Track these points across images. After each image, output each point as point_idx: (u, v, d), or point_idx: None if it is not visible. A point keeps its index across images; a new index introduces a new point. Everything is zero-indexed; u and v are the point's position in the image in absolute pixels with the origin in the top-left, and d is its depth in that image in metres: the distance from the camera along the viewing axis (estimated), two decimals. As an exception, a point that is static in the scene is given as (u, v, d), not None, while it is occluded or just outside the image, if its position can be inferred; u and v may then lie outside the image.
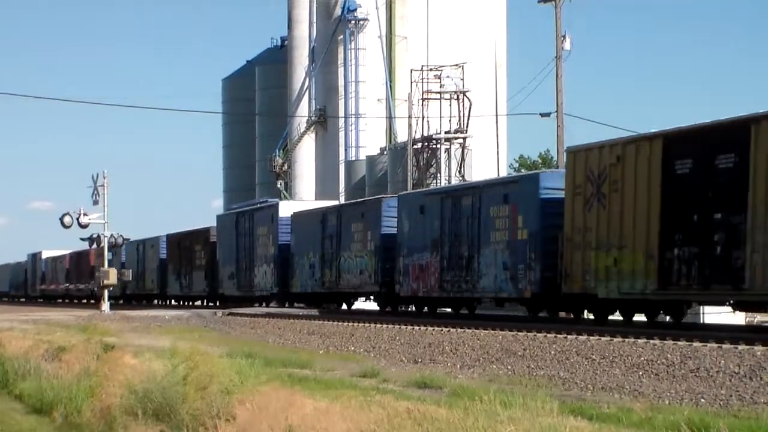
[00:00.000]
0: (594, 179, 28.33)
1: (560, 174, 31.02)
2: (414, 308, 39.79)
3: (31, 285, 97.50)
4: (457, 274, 34.70)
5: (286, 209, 48.46)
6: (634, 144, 27.65)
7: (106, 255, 58.87)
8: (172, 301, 65.30)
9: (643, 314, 28.73)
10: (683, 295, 26.47)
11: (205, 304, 59.50)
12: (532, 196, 31.49)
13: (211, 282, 56.63)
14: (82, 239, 60.46)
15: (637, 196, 26.86)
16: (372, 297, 42.05)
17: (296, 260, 46.42)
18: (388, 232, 39.52)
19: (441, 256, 35.48)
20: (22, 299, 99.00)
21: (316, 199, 72.57)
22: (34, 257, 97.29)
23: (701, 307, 29.65)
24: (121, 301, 71.35)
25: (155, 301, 68.04)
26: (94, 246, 60.57)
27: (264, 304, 50.03)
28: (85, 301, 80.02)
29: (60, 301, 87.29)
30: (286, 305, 47.91)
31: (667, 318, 29.22)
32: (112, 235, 57.55)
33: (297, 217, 47.23)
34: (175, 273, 62.71)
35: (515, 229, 31.94)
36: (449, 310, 37.35)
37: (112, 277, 56.54)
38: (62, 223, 56.61)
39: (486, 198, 33.67)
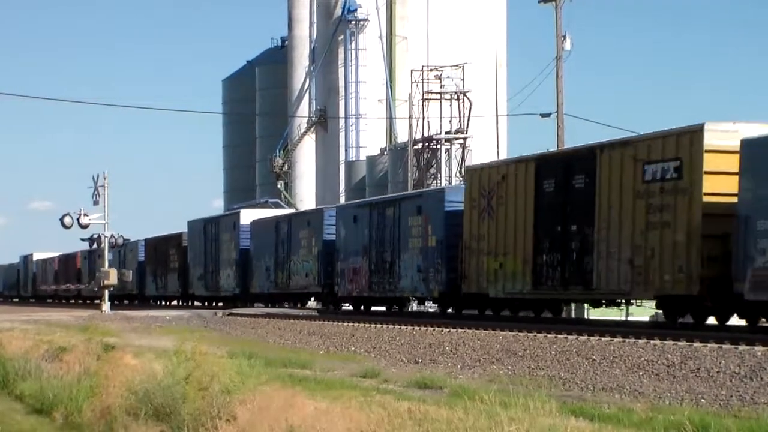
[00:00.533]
0: (485, 194, 32.92)
1: (461, 189, 35.27)
2: (351, 307, 43.52)
3: (23, 285, 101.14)
4: (383, 276, 39.37)
5: (246, 217, 52.97)
6: (514, 165, 32.41)
7: (107, 255, 58.86)
8: (150, 300, 68.15)
9: (528, 311, 33.82)
10: (550, 295, 31.04)
11: (179, 303, 63.35)
12: (438, 208, 36.22)
13: (183, 283, 60.59)
14: (83, 239, 60.49)
15: (516, 210, 31.62)
16: (315, 297, 47.27)
17: (255, 263, 50.99)
18: (328, 239, 44.08)
19: (370, 261, 39.94)
20: (15, 299, 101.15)
21: (316, 200, 72.76)
22: (26, 259, 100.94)
23: None
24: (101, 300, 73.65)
25: (135, 301, 70.52)
26: (95, 246, 60.56)
27: (232, 303, 53.69)
28: (72, 300, 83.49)
29: (50, 301, 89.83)
30: (248, 304, 51.62)
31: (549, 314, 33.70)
32: (112, 236, 57.53)
33: (255, 224, 51.65)
34: (152, 275, 66.79)
35: (426, 237, 36.60)
36: (383, 308, 41.51)
37: (113, 277, 56.55)
38: (62, 224, 56.59)
39: (404, 209, 38.39)
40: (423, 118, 62.54)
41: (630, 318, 31.86)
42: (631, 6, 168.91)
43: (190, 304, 61.17)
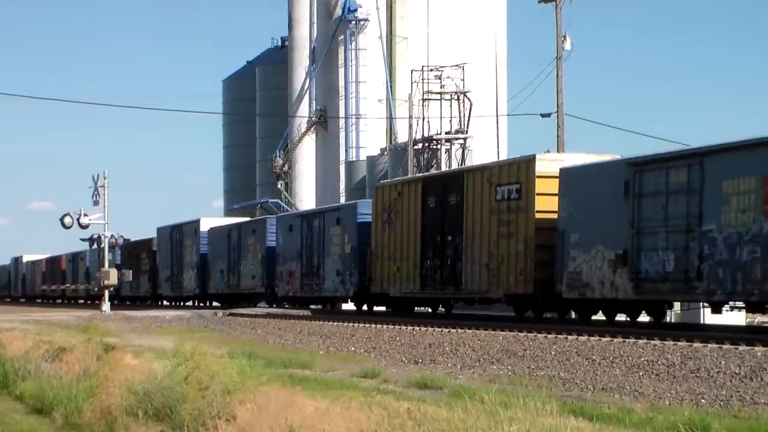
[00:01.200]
0: (387, 209, 38.97)
1: (371, 203, 41.03)
2: (288, 305, 49.27)
3: (14, 286, 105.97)
4: (311, 278, 45.46)
5: (205, 225, 59.43)
6: (407, 184, 38.89)
7: (107, 255, 58.89)
8: (126, 301, 72.96)
9: (424, 307, 40.22)
10: (431, 294, 37.05)
11: (150, 303, 68.73)
12: (353, 220, 42.23)
13: (153, 284, 66.21)
14: (83, 240, 60.58)
15: (408, 223, 37.57)
16: (261, 297, 52.82)
17: (212, 267, 57.31)
18: (270, 245, 50.32)
19: (302, 265, 46.00)
20: (7, 299, 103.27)
21: (316, 200, 72.81)
22: (16, 261, 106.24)
23: (702, 308, 30.56)
24: (84, 301, 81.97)
25: (115, 301, 72.69)
26: (95, 246, 60.64)
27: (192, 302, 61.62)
28: (59, 300, 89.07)
29: (39, 301, 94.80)
30: (206, 303, 58.97)
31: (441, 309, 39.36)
32: (112, 236, 57.59)
33: (212, 231, 58.17)
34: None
35: (344, 245, 42.69)
36: (319, 306, 46.67)
37: (113, 277, 56.63)
38: (62, 224, 56.64)
39: (327, 221, 44.51)
40: (423, 118, 62.53)
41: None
42: (631, 6, 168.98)
43: (160, 303, 67.06)
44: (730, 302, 26.18)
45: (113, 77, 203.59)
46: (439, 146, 61.31)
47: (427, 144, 61.96)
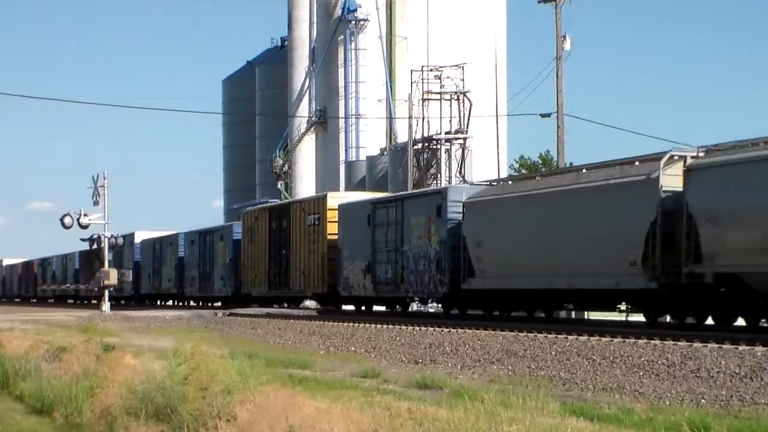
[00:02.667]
0: (249, 230, 52.69)
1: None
2: (193, 303, 59.55)
3: None
4: (205, 282, 58.90)
5: (138, 237, 69.15)
6: (260, 211, 52.34)
7: (106, 256, 58.91)
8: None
9: (275, 304, 50.47)
10: (275, 294, 50.28)
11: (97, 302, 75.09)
12: (230, 237, 56.36)
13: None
14: (83, 240, 60.57)
15: (261, 241, 50.95)
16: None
17: (142, 272, 66.26)
18: (181, 256, 62.11)
19: (199, 271, 57.77)
20: None
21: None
22: None
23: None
24: (53, 300, 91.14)
25: (77, 301, 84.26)
26: (94, 246, 60.68)
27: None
28: (34, 300, 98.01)
29: (17, 300, 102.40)
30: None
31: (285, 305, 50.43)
32: (112, 236, 57.60)
33: (143, 243, 67.14)
34: (84, 279, 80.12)
35: (225, 257, 56.93)
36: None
37: (113, 277, 56.64)
38: (62, 224, 56.62)
39: (215, 237, 58.88)
40: (423, 118, 62.48)
41: (630, 318, 31.95)
42: (631, 6, 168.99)
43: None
44: (417, 297, 39.06)
45: (113, 77, 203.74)
46: (438, 146, 61.27)
47: (426, 144, 61.91)
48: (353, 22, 73.67)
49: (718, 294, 25.41)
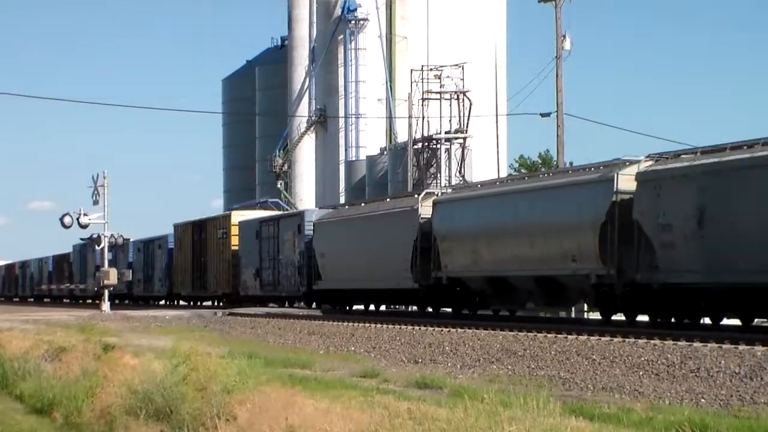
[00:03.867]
0: (179, 240, 63.36)
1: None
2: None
3: None
4: (147, 283, 68.35)
5: (132, 243, 74.13)
6: (187, 225, 62.07)
7: (106, 255, 58.94)
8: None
9: (200, 302, 63.19)
10: (196, 293, 61.55)
11: (70, 301, 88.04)
12: (166, 246, 66.86)
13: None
14: (82, 239, 60.61)
15: (187, 249, 61.58)
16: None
17: (135, 273, 70.24)
18: (130, 261, 72.05)
19: (143, 275, 67.48)
20: None
21: (316, 200, 72.75)
22: None
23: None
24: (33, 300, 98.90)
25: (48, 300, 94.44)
26: (94, 246, 60.75)
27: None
28: (16, 299, 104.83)
29: (1, 299, 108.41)
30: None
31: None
32: (112, 235, 57.64)
33: (134, 245, 73.83)
34: (55, 281, 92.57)
35: (162, 262, 67.75)
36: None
37: (113, 277, 56.67)
38: (62, 224, 56.66)
39: (155, 246, 70.00)
40: (423, 118, 62.42)
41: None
42: (631, 6, 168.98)
43: (70, 301, 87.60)
44: (287, 295, 50.34)
45: (113, 77, 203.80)
46: (438, 146, 61.23)
47: (426, 143, 61.87)
48: (353, 22, 73.63)
49: (454, 291, 36.06)
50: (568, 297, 31.78)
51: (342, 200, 64.92)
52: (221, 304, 57.35)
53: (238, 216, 56.45)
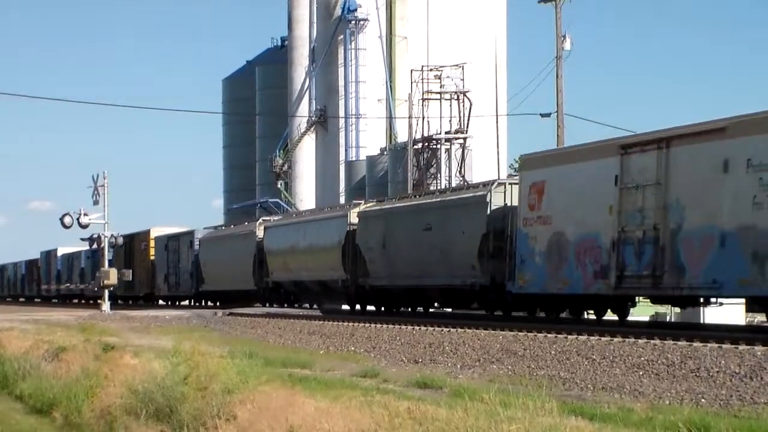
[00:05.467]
0: (124, 248, 69.38)
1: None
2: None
3: None
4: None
5: (61, 251, 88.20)
6: (136, 237, 70.31)
7: (106, 255, 58.96)
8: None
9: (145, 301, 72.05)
10: (132, 293, 70.80)
11: (38, 300, 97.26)
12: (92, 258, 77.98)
13: (38, 287, 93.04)
14: (82, 239, 60.64)
15: (121, 258, 69.11)
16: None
17: (86, 277, 78.82)
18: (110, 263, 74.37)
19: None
20: None
21: (316, 200, 72.81)
22: None
23: (702, 307, 31.17)
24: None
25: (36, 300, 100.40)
26: (94, 246, 60.84)
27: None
28: (9, 299, 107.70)
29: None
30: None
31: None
32: (112, 235, 57.65)
33: (63, 256, 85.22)
34: (29, 282, 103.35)
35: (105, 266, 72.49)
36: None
37: (113, 277, 56.68)
38: (62, 223, 56.69)
39: (81, 256, 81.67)
40: (423, 118, 62.45)
41: (630, 318, 31.98)
42: (631, 6, 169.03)
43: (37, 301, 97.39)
44: (182, 294, 64.36)
45: (113, 77, 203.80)
46: (438, 146, 61.26)
47: (426, 144, 61.90)
48: (353, 22, 73.64)
49: (278, 291, 50.48)
50: (335, 294, 44.86)
51: (342, 200, 64.95)
52: (141, 302, 70.87)
53: (155, 232, 68.38)
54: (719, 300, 26.30)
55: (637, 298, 29.13)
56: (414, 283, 38.10)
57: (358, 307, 43.25)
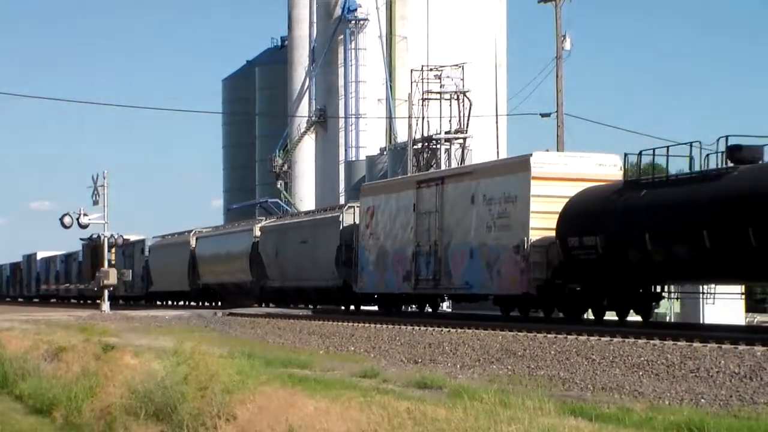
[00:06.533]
0: (85, 255, 75.15)
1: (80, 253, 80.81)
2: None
3: None
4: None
5: (40, 255, 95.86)
6: (86, 246, 72.59)
7: (106, 255, 58.97)
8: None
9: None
10: (92, 292, 70.63)
11: (21, 300, 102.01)
12: (78, 258, 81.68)
13: (20, 288, 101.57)
14: (82, 239, 60.68)
15: (87, 263, 73.22)
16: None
17: (61, 278, 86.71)
18: (79, 266, 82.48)
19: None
20: None
21: (316, 200, 72.81)
22: None
23: (701, 308, 34.55)
24: None
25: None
26: (94, 245, 60.94)
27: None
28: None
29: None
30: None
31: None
32: (112, 235, 57.64)
33: (41, 260, 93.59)
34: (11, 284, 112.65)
35: (74, 269, 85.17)
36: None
37: (112, 277, 56.68)
38: (62, 224, 56.66)
39: (74, 258, 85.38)
40: (423, 118, 62.38)
41: (630, 318, 32.07)
42: (631, 6, 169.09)
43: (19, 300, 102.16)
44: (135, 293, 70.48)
45: (113, 77, 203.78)
46: (438, 146, 61.21)
47: (426, 144, 61.85)
48: (353, 22, 73.62)
49: (211, 292, 60.17)
50: (247, 294, 54.00)
51: (342, 200, 64.98)
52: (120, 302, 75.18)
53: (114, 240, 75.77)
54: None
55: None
56: (297, 284, 48.37)
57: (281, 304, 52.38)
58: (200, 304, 60.49)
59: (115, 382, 18.51)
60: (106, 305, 55.53)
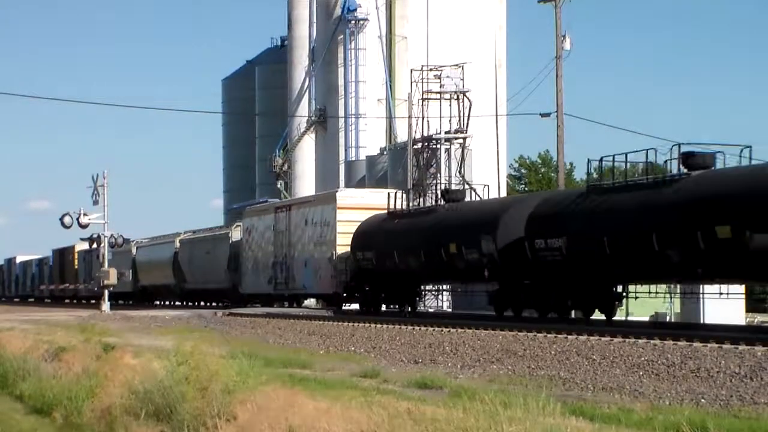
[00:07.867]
0: (55, 260, 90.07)
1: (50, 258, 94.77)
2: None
3: None
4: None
5: (18, 259, 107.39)
6: (56, 252, 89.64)
7: (106, 255, 58.97)
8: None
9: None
10: (65, 294, 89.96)
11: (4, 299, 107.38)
12: (49, 263, 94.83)
13: (2, 288, 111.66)
14: (82, 239, 60.62)
15: (56, 268, 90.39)
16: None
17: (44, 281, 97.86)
18: (50, 270, 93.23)
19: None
20: None
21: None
22: None
23: (701, 308, 34.45)
24: None
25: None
26: (94, 246, 60.95)
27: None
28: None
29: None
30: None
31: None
32: (112, 235, 57.65)
33: (21, 263, 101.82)
34: None
35: (46, 272, 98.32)
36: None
37: (112, 277, 56.69)
38: (62, 223, 56.67)
39: (52, 262, 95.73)
40: (423, 118, 62.32)
41: (630, 318, 32.15)
42: (631, 6, 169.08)
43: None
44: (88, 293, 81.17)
45: (113, 77, 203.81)
46: (438, 146, 61.16)
47: (426, 143, 61.79)
48: (353, 22, 73.59)
49: (145, 293, 72.54)
50: (173, 294, 67.20)
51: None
52: (83, 301, 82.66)
53: (79, 246, 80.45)
54: None
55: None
56: (204, 286, 61.89)
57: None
58: (142, 302, 70.72)
59: (115, 382, 18.49)
60: (106, 305, 55.54)
